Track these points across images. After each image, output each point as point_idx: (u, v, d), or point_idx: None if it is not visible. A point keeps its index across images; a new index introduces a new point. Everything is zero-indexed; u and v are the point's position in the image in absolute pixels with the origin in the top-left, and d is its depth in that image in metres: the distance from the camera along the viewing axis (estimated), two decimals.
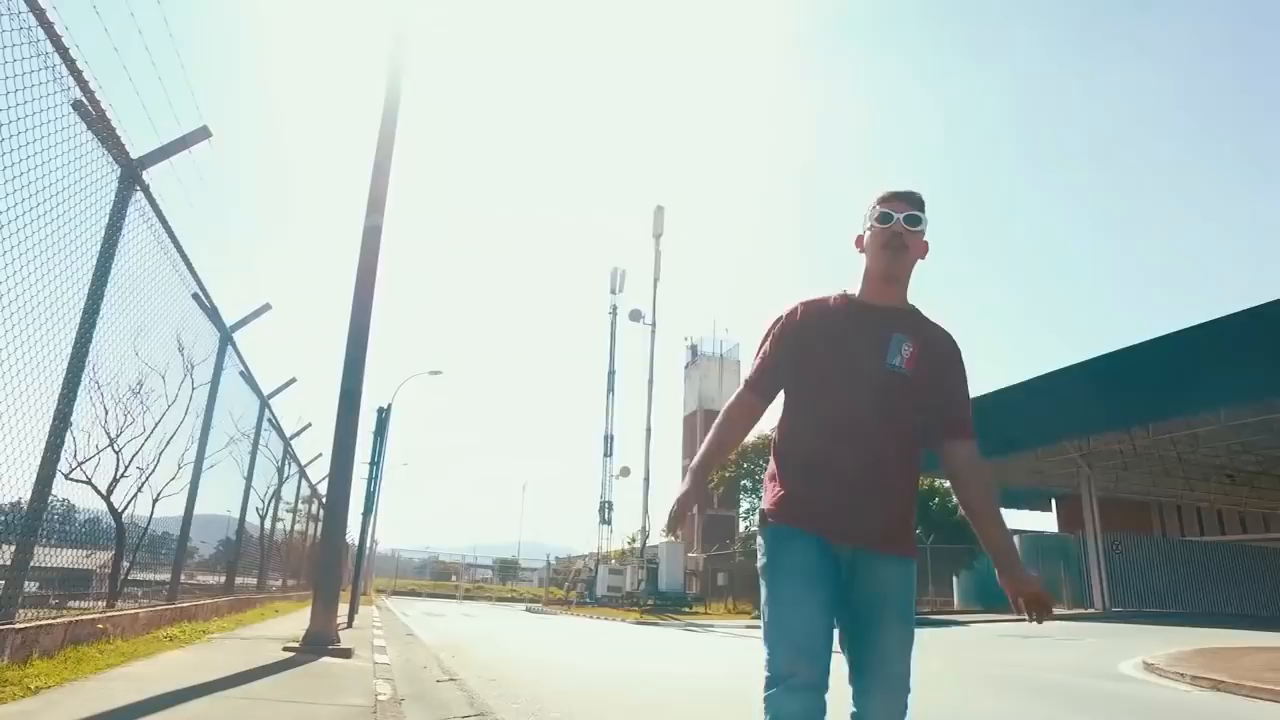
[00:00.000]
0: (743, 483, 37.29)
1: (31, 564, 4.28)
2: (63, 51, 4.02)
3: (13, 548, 4.07)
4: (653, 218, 49.22)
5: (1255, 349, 18.33)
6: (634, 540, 47.73)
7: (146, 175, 5.06)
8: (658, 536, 49.26)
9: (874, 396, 1.95)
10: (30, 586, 5.16)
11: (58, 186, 4.15)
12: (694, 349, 64.80)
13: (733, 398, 2.21)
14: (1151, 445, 27.04)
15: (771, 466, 2.10)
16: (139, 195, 5.02)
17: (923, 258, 2.09)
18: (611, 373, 52.66)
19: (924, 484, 31.36)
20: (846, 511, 1.90)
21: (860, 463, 1.92)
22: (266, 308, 8.34)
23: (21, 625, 4.08)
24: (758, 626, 1.95)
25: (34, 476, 4.27)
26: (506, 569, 74.30)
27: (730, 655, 11.63)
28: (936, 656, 10.31)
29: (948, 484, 29.48)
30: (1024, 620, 1.95)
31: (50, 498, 4.47)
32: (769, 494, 2.05)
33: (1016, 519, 35.97)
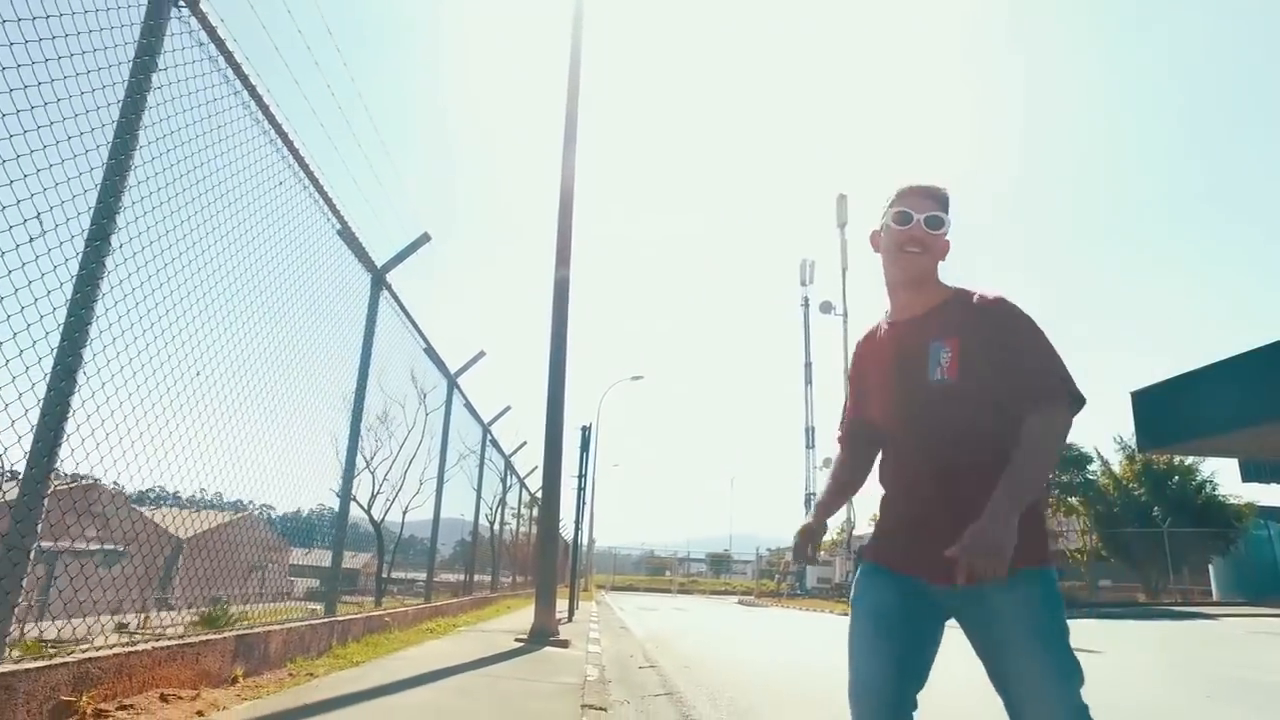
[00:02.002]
0: None
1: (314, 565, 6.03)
2: (326, 199, 5.54)
3: (330, 555, 5.75)
4: (835, 206, 48.55)
5: None
6: (841, 531, 47.32)
7: (388, 276, 6.62)
8: (865, 526, 48.45)
9: (927, 418, 1.82)
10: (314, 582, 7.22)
11: (335, 292, 5.75)
12: None
13: None
14: None
15: None
16: (385, 293, 6.59)
17: (943, 259, 1.93)
18: (808, 364, 52.46)
19: (1161, 462, 28.68)
20: (928, 544, 1.74)
21: (932, 491, 1.80)
22: (482, 354, 9.99)
23: (342, 618, 5.74)
24: None
25: (336, 506, 5.93)
26: (718, 562, 76.05)
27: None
28: (1167, 652, 10.33)
29: (1188, 461, 26.47)
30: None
31: (334, 517, 6.12)
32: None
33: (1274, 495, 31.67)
